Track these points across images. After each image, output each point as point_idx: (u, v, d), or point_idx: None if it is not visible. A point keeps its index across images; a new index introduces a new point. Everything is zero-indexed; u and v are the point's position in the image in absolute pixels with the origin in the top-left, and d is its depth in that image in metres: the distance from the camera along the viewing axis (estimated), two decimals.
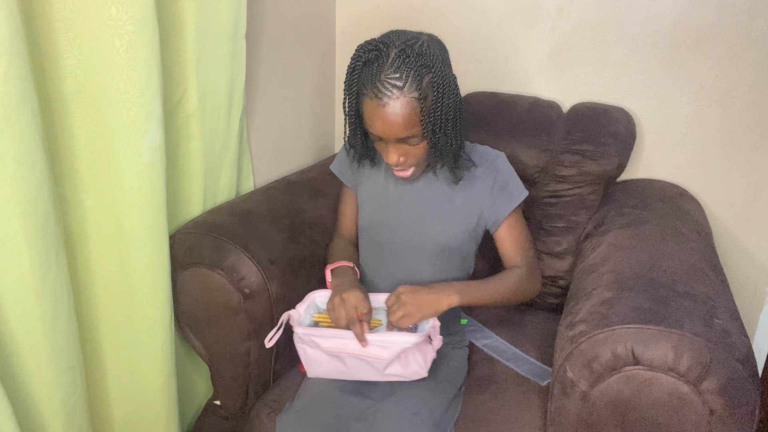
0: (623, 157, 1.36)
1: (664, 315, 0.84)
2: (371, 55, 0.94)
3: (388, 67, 0.92)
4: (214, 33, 1.10)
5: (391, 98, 0.92)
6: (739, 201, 1.42)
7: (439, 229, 1.12)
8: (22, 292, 0.81)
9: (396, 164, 1.01)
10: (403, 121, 0.94)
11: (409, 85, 0.92)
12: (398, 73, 0.92)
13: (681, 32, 1.36)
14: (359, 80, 0.96)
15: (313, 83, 1.63)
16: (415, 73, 0.92)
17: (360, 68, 0.95)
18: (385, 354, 0.97)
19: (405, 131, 0.95)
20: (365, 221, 1.19)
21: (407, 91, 0.92)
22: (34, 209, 0.78)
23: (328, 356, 1.02)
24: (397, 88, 0.92)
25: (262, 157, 1.43)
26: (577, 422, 0.88)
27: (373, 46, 0.94)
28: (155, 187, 0.99)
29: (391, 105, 0.93)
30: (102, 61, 0.88)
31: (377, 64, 0.93)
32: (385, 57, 0.93)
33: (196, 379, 1.32)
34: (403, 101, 0.92)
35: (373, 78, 0.93)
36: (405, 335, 0.97)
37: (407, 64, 0.92)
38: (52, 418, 0.89)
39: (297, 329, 1.01)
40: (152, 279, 1.03)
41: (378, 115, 0.94)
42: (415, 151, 1.00)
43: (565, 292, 1.32)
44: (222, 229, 1.12)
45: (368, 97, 0.94)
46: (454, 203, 1.12)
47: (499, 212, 1.11)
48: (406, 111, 0.93)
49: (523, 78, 1.53)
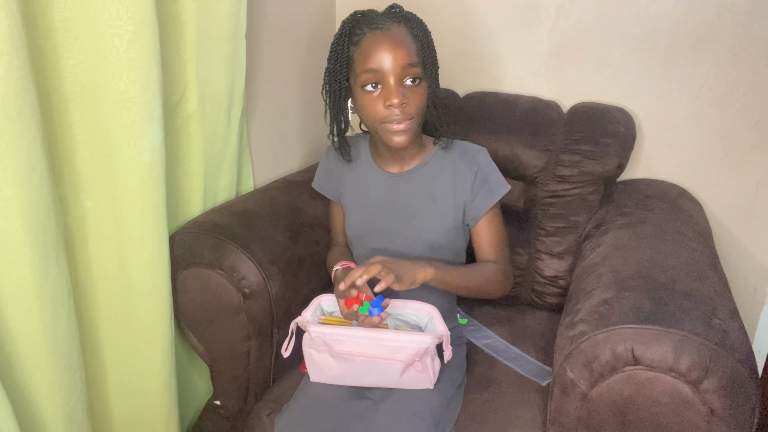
0: (623, 157, 1.36)
1: (664, 315, 0.84)
2: (357, 19, 1.01)
3: (383, 14, 1.02)
4: (214, 33, 1.10)
5: (394, 25, 0.99)
6: (739, 201, 1.42)
7: (425, 228, 1.12)
8: (22, 292, 0.81)
9: (399, 104, 0.98)
10: (406, 47, 0.98)
11: (404, 22, 1.01)
12: (392, 16, 1.01)
13: (681, 32, 1.36)
14: (350, 37, 1.01)
15: (313, 83, 1.63)
16: (406, 16, 1.02)
17: (349, 30, 1.00)
18: (400, 355, 0.96)
19: (408, 57, 0.98)
20: (352, 230, 1.18)
21: (404, 25, 1.00)
22: (34, 209, 0.78)
23: (335, 361, 1.01)
24: (400, 17, 1.01)
25: (262, 157, 1.43)
26: (577, 422, 0.88)
27: (358, 14, 1.02)
28: (155, 187, 0.99)
29: (394, 29, 0.99)
30: (102, 61, 0.88)
31: (370, 16, 1.01)
32: (376, 12, 1.02)
33: (196, 379, 1.32)
34: (403, 30, 1.00)
35: (369, 20, 1.00)
36: (420, 335, 0.97)
37: (398, 11, 1.03)
38: (52, 418, 0.89)
39: (311, 328, 0.99)
40: (152, 279, 1.03)
41: (383, 43, 0.98)
42: (414, 94, 1.00)
43: (565, 292, 1.32)
44: (222, 229, 1.12)
45: (368, 34, 0.99)
46: (437, 201, 1.11)
47: (479, 207, 1.11)
48: (407, 39, 0.99)
49: (523, 78, 1.53)
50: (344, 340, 0.98)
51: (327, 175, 1.23)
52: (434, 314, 1.03)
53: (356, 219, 1.18)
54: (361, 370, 1.00)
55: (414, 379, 1.00)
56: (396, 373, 0.99)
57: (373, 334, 0.97)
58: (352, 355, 0.99)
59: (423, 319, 1.06)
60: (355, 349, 0.98)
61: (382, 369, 0.99)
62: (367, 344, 0.97)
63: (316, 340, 1.00)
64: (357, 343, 0.97)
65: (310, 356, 1.03)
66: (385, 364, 0.98)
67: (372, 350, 0.97)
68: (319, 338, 0.99)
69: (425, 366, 0.99)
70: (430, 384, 1.01)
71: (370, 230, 1.15)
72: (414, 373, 0.99)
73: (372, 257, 1.07)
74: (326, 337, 0.98)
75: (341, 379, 1.03)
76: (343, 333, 0.98)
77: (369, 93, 1.00)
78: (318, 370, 1.04)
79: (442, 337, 0.98)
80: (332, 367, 1.01)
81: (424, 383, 1.01)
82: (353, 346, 0.98)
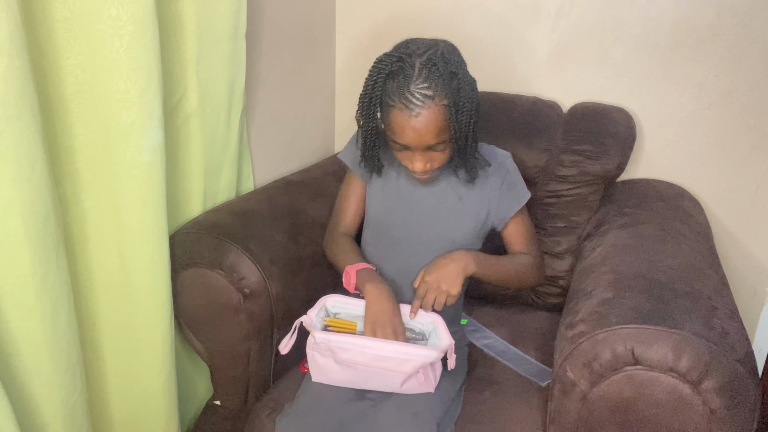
0: (623, 157, 1.36)
1: (664, 315, 0.84)
2: (395, 67, 0.95)
3: (416, 77, 0.93)
4: (214, 33, 1.10)
5: (423, 108, 0.93)
6: (739, 201, 1.42)
7: (449, 225, 1.13)
8: (22, 292, 0.81)
9: (423, 171, 1.02)
10: (434, 129, 0.95)
11: (439, 93, 0.93)
12: (427, 83, 0.93)
13: (681, 32, 1.36)
14: (383, 92, 0.96)
15: (313, 83, 1.63)
16: (444, 81, 0.93)
17: (383, 81, 0.96)
18: (405, 368, 0.96)
19: (435, 138, 0.97)
20: (375, 214, 1.18)
21: (438, 100, 0.94)
22: (34, 209, 0.78)
23: (339, 366, 1.00)
24: (428, 97, 0.93)
25: (262, 157, 1.43)
26: (577, 422, 0.88)
27: (395, 58, 0.95)
28: (155, 187, 0.98)
29: (423, 114, 0.94)
30: (102, 61, 0.88)
31: (403, 76, 0.94)
32: (411, 68, 0.94)
33: (196, 379, 1.32)
34: (434, 110, 0.94)
35: (401, 89, 0.94)
36: (426, 349, 0.96)
37: (435, 73, 0.93)
38: (52, 418, 0.89)
39: (316, 334, 0.98)
40: (152, 279, 1.03)
41: (409, 126, 0.95)
42: (440, 156, 1.02)
43: (565, 292, 1.32)
44: (222, 229, 1.12)
45: (397, 108, 0.95)
46: (464, 200, 1.13)
47: (507, 210, 1.14)
48: (436, 119, 0.95)
49: (523, 78, 1.53)
50: (350, 348, 0.97)
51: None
52: (438, 323, 1.03)
53: (381, 205, 1.17)
54: (363, 377, 1.00)
55: (415, 386, 1.00)
56: (398, 382, 0.98)
57: (379, 345, 0.96)
58: (356, 364, 0.98)
59: (428, 327, 1.06)
60: (360, 359, 0.97)
61: (384, 378, 0.99)
62: (373, 355, 0.96)
63: (320, 345, 0.99)
64: (362, 353, 0.97)
65: (314, 358, 1.03)
66: (389, 374, 0.98)
67: (377, 361, 0.97)
68: (324, 345, 0.98)
69: (427, 375, 0.99)
70: (431, 388, 1.01)
71: (393, 219, 1.15)
72: (415, 383, 0.99)
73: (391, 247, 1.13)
74: (331, 344, 0.97)
75: (342, 383, 1.03)
76: (349, 341, 0.97)
77: (394, 143, 1.01)
78: (320, 372, 1.03)
79: (447, 350, 0.98)
80: (335, 371, 1.01)
81: (426, 388, 1.01)
82: (358, 355, 0.97)
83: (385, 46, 1.01)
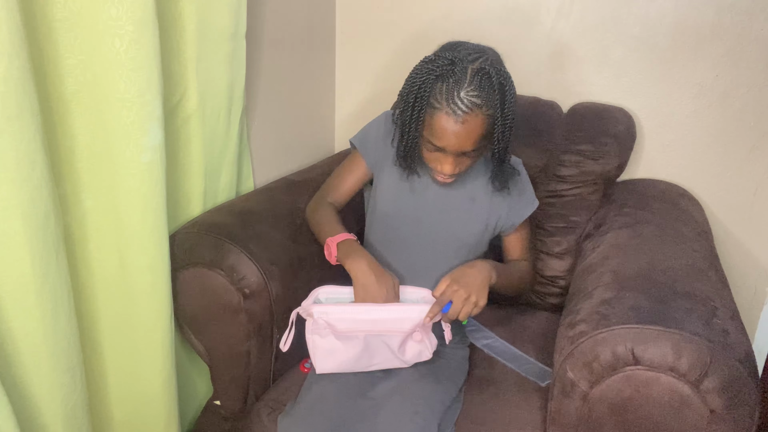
0: (623, 157, 1.36)
1: (664, 315, 0.84)
2: (445, 70, 0.94)
3: (468, 84, 0.93)
4: (214, 33, 1.10)
5: (469, 115, 0.93)
6: (739, 201, 1.42)
7: (459, 226, 1.13)
8: (22, 292, 0.81)
9: (450, 174, 1.02)
10: (475, 137, 0.96)
11: (487, 102, 0.94)
12: (478, 91, 0.93)
13: (681, 32, 1.36)
14: (431, 93, 0.96)
15: (313, 83, 1.63)
16: (494, 91, 0.94)
17: (431, 81, 0.95)
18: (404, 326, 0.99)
19: (473, 146, 0.97)
20: (385, 209, 1.16)
21: (485, 109, 0.94)
22: (34, 209, 0.78)
23: (341, 342, 1.01)
24: (477, 105, 0.93)
25: (262, 157, 1.43)
26: (577, 422, 0.88)
27: (447, 61, 0.94)
28: (155, 187, 0.98)
29: (468, 122, 0.94)
30: (102, 61, 0.88)
31: (453, 80, 0.93)
32: (462, 73, 0.93)
33: (196, 379, 1.32)
34: (480, 118, 0.94)
35: (450, 93, 0.93)
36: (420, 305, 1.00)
37: (486, 82, 0.93)
38: (52, 418, 0.89)
39: (314, 309, 0.99)
40: (152, 279, 1.03)
41: (452, 131, 0.95)
42: (469, 162, 1.03)
43: (565, 292, 1.32)
44: (222, 229, 1.12)
45: (443, 112, 0.94)
46: (476, 202, 1.13)
47: (517, 217, 1.16)
48: (479, 127, 0.95)
49: (523, 78, 1.53)
50: (347, 317, 1.00)
51: (374, 140, 1.17)
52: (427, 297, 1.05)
53: (392, 199, 1.16)
54: (366, 347, 1.02)
55: (415, 352, 1.03)
56: (396, 346, 1.01)
57: (374, 308, 1.00)
58: (356, 332, 1.00)
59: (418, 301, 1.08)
60: (359, 326, 1.00)
61: (387, 340, 1.01)
62: (370, 319, 0.99)
63: (319, 322, 1.00)
64: (359, 319, 1.00)
65: (315, 344, 1.03)
66: (389, 336, 1.01)
67: (375, 325, 0.99)
68: (322, 320, 1.00)
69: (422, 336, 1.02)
70: (429, 354, 1.04)
71: (403, 214, 1.15)
72: (414, 345, 1.02)
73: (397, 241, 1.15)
74: (329, 316, 0.99)
75: (348, 364, 1.03)
76: (345, 309, 1.00)
77: (428, 144, 1.01)
78: (323, 358, 1.03)
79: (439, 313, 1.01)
80: (339, 350, 1.02)
81: (425, 354, 1.04)
82: (356, 322, 1.00)
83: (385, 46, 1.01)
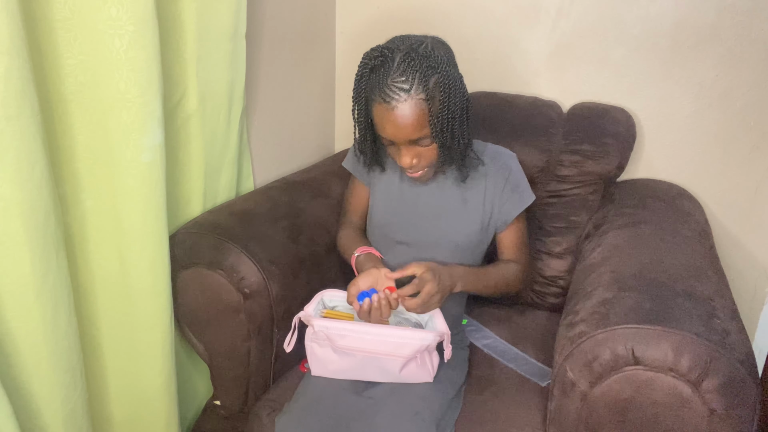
0: (623, 157, 1.36)
1: (664, 315, 0.84)
2: (377, 61, 0.96)
3: (394, 71, 0.94)
4: (214, 33, 1.10)
5: (399, 101, 0.94)
6: (739, 201, 1.42)
7: (453, 229, 1.13)
8: (22, 292, 0.81)
9: (409, 167, 1.02)
10: (413, 122, 0.95)
11: (416, 87, 0.93)
12: (404, 77, 0.93)
13: (681, 32, 1.36)
14: (367, 86, 0.98)
15: (313, 83, 1.63)
16: (421, 75, 0.93)
17: (367, 75, 0.97)
18: (403, 351, 0.97)
19: (415, 133, 0.97)
20: (378, 218, 1.18)
21: (414, 93, 0.94)
22: (34, 209, 0.78)
23: (338, 355, 1.01)
24: (404, 90, 0.93)
25: (262, 157, 1.43)
26: (577, 422, 0.88)
27: (378, 53, 0.96)
28: (155, 187, 0.98)
29: (399, 108, 0.94)
30: (102, 61, 0.88)
31: (383, 70, 0.95)
32: (391, 62, 0.95)
33: (196, 379, 1.32)
34: (411, 103, 0.94)
35: (381, 83, 0.95)
36: (422, 332, 0.98)
37: (412, 67, 0.93)
38: (52, 418, 0.89)
39: (315, 322, 0.99)
40: (152, 279, 1.03)
41: (388, 119, 0.96)
42: (426, 152, 1.02)
43: (565, 292, 1.32)
44: (222, 229, 1.12)
45: (377, 102, 0.96)
46: (468, 203, 1.13)
47: (509, 213, 1.14)
48: (414, 113, 0.95)
49: (523, 78, 1.53)
50: (347, 335, 0.98)
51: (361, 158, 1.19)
52: (435, 312, 1.04)
53: (384, 209, 1.18)
54: (362, 365, 1.01)
55: (414, 373, 1.01)
56: (396, 369, 1.00)
57: (376, 330, 0.98)
58: (354, 351, 0.99)
59: (423, 317, 1.07)
60: (358, 345, 0.98)
61: (383, 364, 1.00)
62: (370, 340, 0.98)
63: (319, 334, 1.00)
64: (360, 338, 0.98)
65: (312, 350, 1.04)
66: (387, 359, 0.99)
67: (374, 346, 0.98)
68: (322, 332, 0.99)
69: (424, 361, 1.00)
70: (429, 377, 1.02)
71: (396, 222, 1.16)
72: (414, 367, 1.00)
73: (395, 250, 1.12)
74: (329, 331, 0.99)
75: (342, 373, 1.04)
76: (347, 328, 0.99)
77: (382, 138, 1.02)
78: (320, 364, 1.04)
79: (443, 336, 0.99)
80: (334, 361, 1.02)
81: (424, 377, 1.02)
82: (356, 341, 0.98)
83: None
